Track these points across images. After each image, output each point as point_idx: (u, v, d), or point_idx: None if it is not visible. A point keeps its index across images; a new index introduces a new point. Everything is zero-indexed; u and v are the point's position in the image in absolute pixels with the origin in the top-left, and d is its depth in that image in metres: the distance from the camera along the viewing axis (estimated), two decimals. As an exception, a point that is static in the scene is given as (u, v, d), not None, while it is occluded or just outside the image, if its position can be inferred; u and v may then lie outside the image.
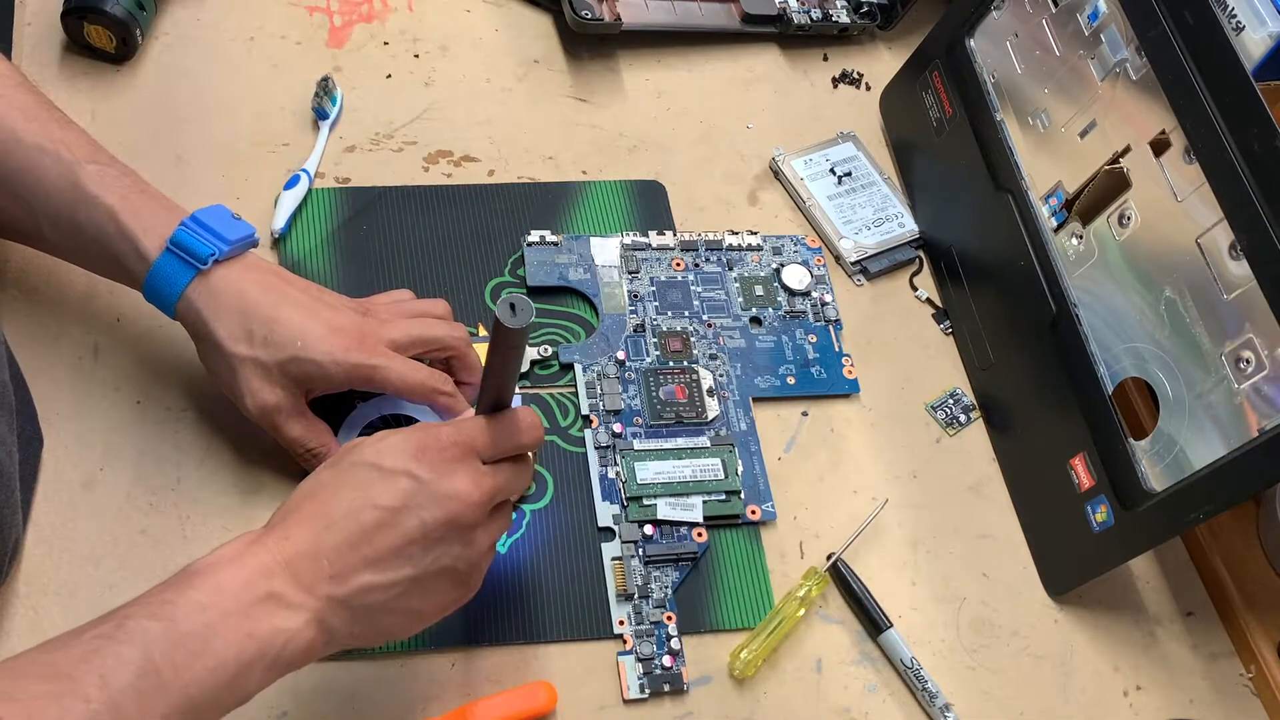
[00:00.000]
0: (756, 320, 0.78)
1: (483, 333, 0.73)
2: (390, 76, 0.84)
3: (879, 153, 0.88)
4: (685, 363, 0.74)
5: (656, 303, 0.77)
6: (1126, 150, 0.69)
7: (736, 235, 0.80)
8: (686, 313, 0.77)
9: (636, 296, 0.77)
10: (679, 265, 0.78)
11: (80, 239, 0.62)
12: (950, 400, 0.78)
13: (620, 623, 0.65)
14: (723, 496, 0.70)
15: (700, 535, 0.68)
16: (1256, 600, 0.71)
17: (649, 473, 0.70)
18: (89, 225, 0.61)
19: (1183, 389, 0.64)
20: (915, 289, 0.82)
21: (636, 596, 0.66)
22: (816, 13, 0.92)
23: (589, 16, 0.83)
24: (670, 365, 0.74)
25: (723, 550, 0.69)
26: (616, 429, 0.71)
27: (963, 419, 0.77)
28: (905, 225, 0.84)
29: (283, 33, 0.84)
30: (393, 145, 0.81)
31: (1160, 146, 0.66)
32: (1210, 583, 0.73)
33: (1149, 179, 0.67)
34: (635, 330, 0.75)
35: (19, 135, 0.61)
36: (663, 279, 0.78)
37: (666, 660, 0.64)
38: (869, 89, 0.92)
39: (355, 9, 0.86)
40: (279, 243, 0.74)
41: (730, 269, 0.79)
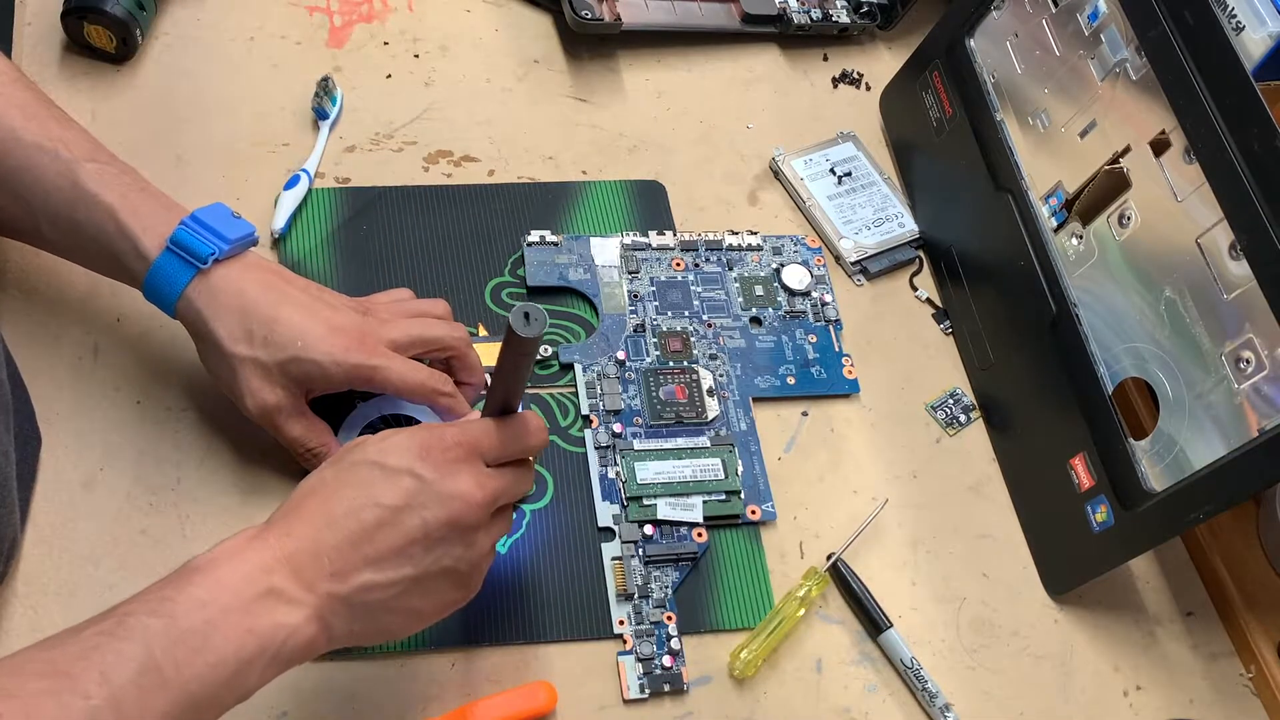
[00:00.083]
0: (756, 320, 0.78)
1: (483, 332, 0.73)
2: (390, 76, 0.84)
3: (879, 153, 0.88)
4: (685, 363, 0.74)
5: (656, 303, 0.77)
6: (1126, 150, 0.69)
7: (736, 235, 0.80)
8: (686, 313, 0.77)
9: (636, 296, 0.77)
10: (679, 265, 0.78)
11: (79, 237, 0.61)
12: (950, 400, 0.78)
13: (620, 623, 0.65)
14: (723, 496, 0.70)
15: (700, 535, 0.68)
16: (1256, 600, 0.71)
17: (649, 473, 0.70)
18: (88, 224, 0.61)
19: (1183, 389, 0.64)
20: (915, 289, 0.82)
21: (636, 596, 0.66)
22: (816, 13, 0.92)
23: (589, 16, 0.83)
24: (670, 365, 0.74)
25: (723, 550, 0.69)
26: (616, 429, 0.71)
27: (963, 419, 0.77)
28: (905, 225, 0.84)
29: (283, 33, 0.84)
30: (393, 145, 0.81)
31: (1160, 146, 0.66)
32: (1210, 583, 0.73)
33: (1149, 179, 0.67)
34: (635, 330, 0.75)
35: (18, 133, 0.61)
36: (663, 279, 0.78)
37: (666, 660, 0.64)
38: (869, 89, 0.92)
39: (355, 9, 0.87)
40: (279, 243, 0.74)
41: (730, 269, 0.79)
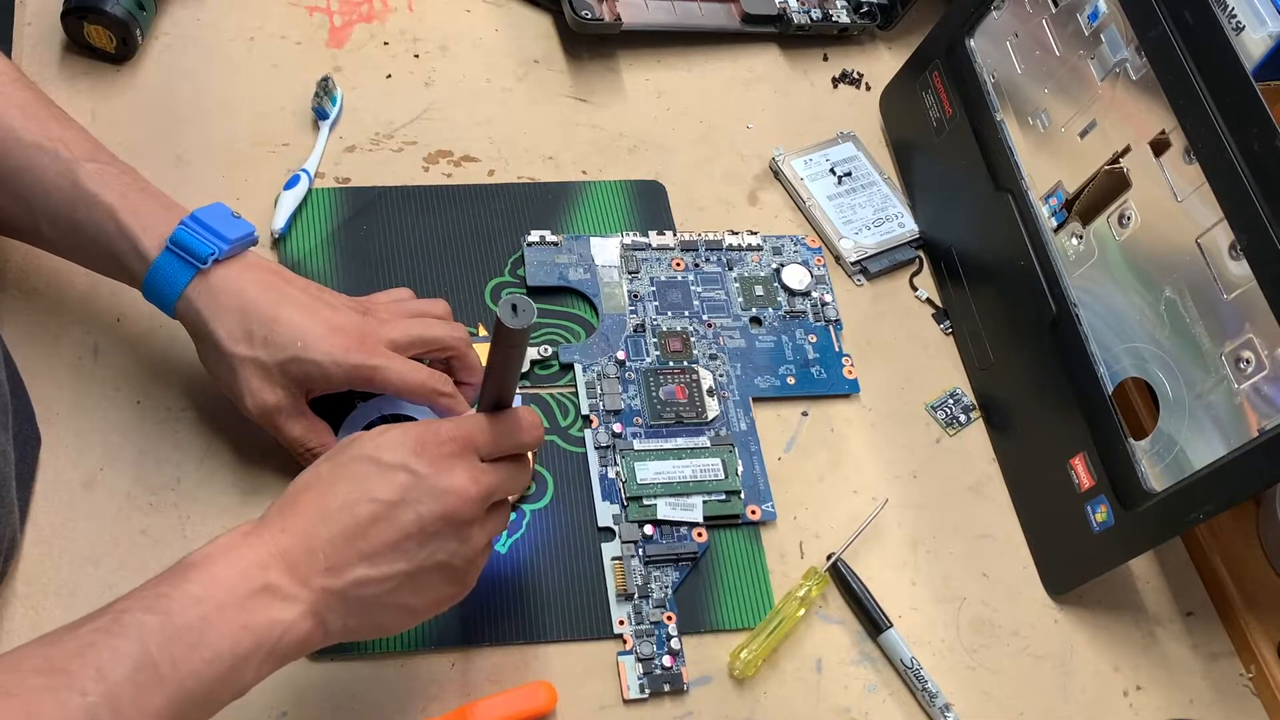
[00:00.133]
0: (756, 320, 0.78)
1: (483, 333, 0.73)
2: (390, 76, 0.84)
3: (879, 153, 0.88)
4: (685, 363, 0.74)
5: (656, 303, 0.77)
6: (1126, 150, 0.69)
7: (736, 235, 0.80)
8: (686, 313, 0.77)
9: (636, 296, 0.77)
10: (679, 265, 0.78)
11: (79, 237, 0.61)
12: (950, 400, 0.78)
13: (620, 623, 0.65)
14: (723, 496, 0.70)
15: (700, 535, 0.68)
16: (1256, 600, 0.71)
17: (649, 473, 0.70)
18: (88, 224, 0.61)
19: (1183, 389, 0.64)
20: (915, 289, 0.82)
21: (636, 596, 0.66)
22: (816, 13, 0.92)
23: (589, 16, 0.83)
24: (670, 365, 0.74)
25: (723, 550, 0.69)
26: (616, 429, 0.71)
27: (963, 419, 0.77)
28: (905, 225, 0.84)
29: (283, 33, 0.84)
30: (393, 145, 0.81)
31: (1160, 146, 0.66)
32: (1210, 583, 0.73)
33: (1149, 179, 0.67)
34: (635, 330, 0.75)
35: (17, 133, 0.61)
36: (663, 279, 0.78)
37: (666, 660, 0.64)
38: (869, 89, 0.92)
39: (355, 9, 0.87)
40: (279, 243, 0.74)
41: (730, 269, 0.79)
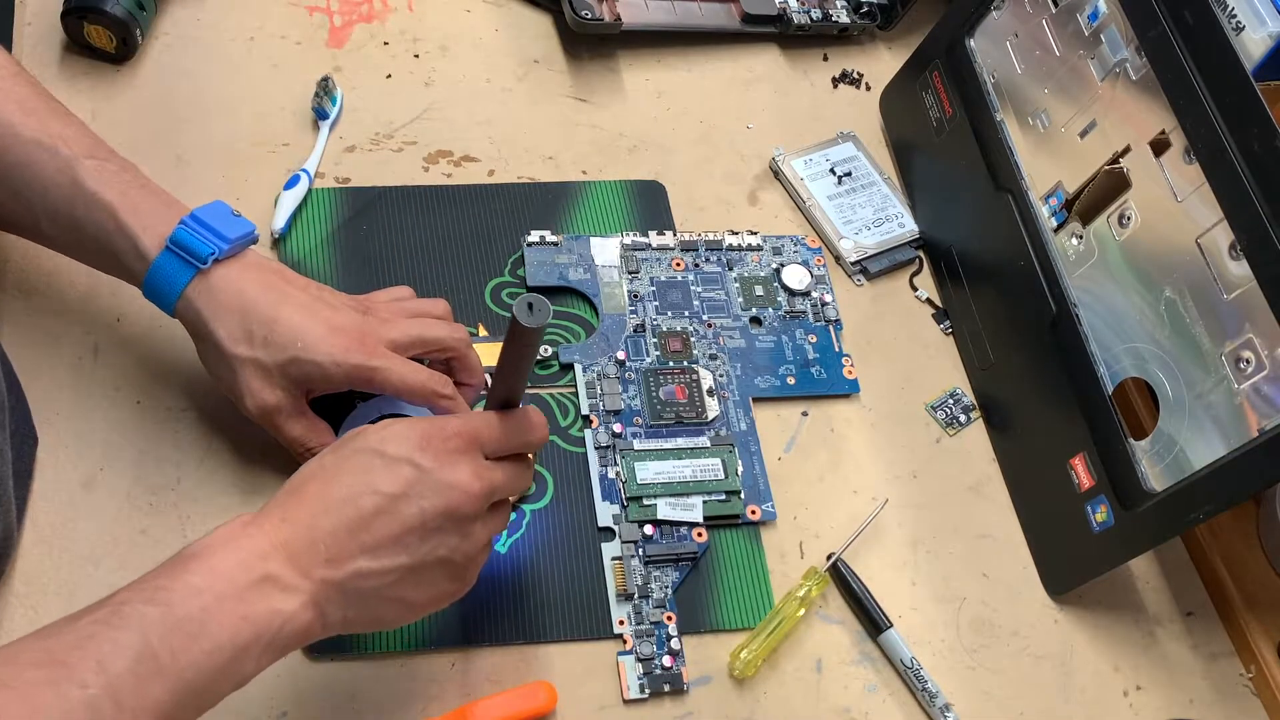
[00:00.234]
0: (756, 320, 0.78)
1: (483, 333, 0.73)
2: (390, 76, 0.84)
3: (879, 153, 0.88)
4: (685, 363, 0.74)
5: (656, 303, 0.77)
6: (1126, 150, 0.69)
7: (736, 235, 0.80)
8: (686, 313, 0.77)
9: (636, 296, 0.77)
10: (679, 265, 0.78)
11: (79, 235, 0.61)
12: (950, 400, 0.78)
13: (620, 623, 0.65)
14: (723, 496, 0.70)
15: (700, 535, 0.68)
16: (1256, 600, 0.71)
17: (649, 473, 0.69)
18: (87, 222, 0.61)
19: (1183, 389, 0.64)
20: (915, 289, 0.82)
21: (636, 596, 0.66)
22: (816, 13, 0.92)
23: (589, 16, 0.83)
24: (670, 365, 0.74)
25: (723, 550, 0.69)
26: (616, 429, 0.71)
27: (963, 419, 0.77)
28: (905, 225, 0.84)
29: (283, 33, 0.84)
30: (393, 145, 0.81)
31: (1160, 146, 0.66)
32: (1210, 583, 0.73)
33: (1149, 179, 0.67)
34: (635, 330, 0.75)
35: (16, 129, 0.60)
36: (663, 279, 0.78)
37: (666, 660, 0.64)
38: (869, 89, 0.92)
39: (355, 9, 0.87)
40: (279, 243, 0.74)
41: (730, 269, 0.79)
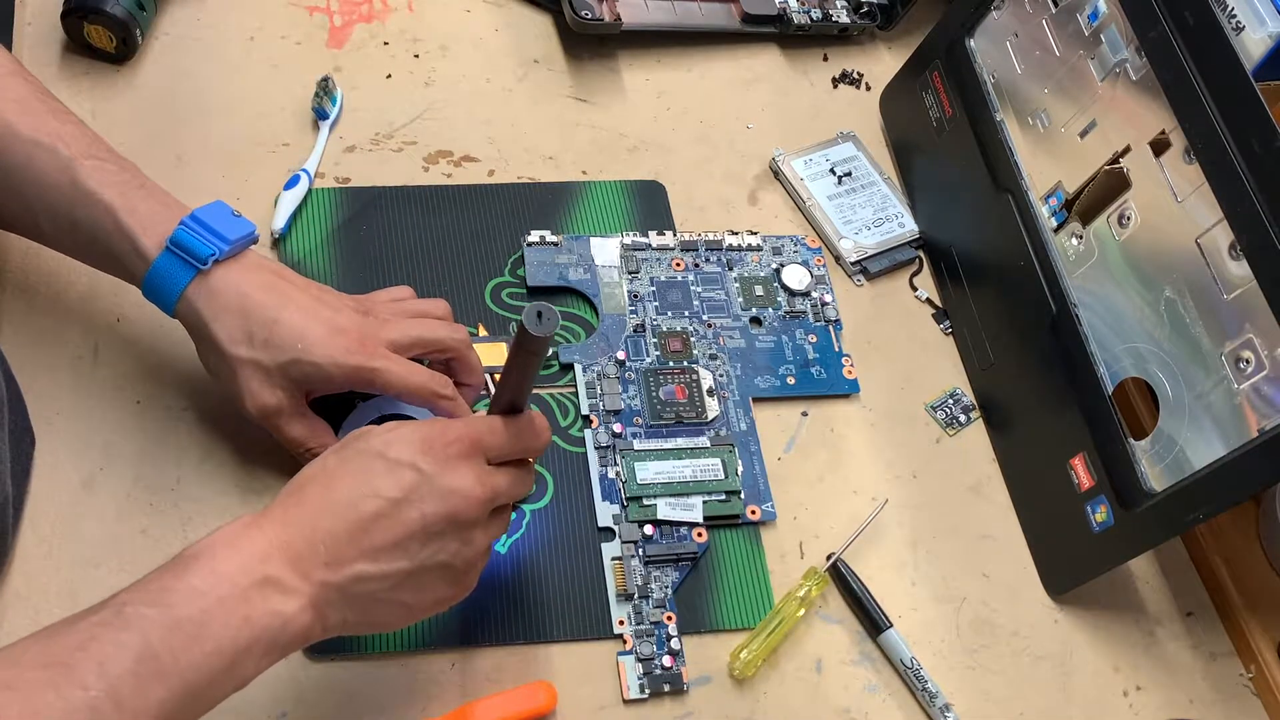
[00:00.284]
0: (756, 320, 0.78)
1: (483, 333, 0.74)
2: (390, 76, 0.84)
3: (879, 153, 0.88)
4: (685, 363, 0.74)
5: (656, 303, 0.77)
6: (1126, 150, 0.69)
7: (736, 235, 0.80)
8: (686, 313, 0.77)
9: (636, 296, 0.77)
10: (679, 265, 0.78)
11: (78, 235, 0.61)
12: (950, 400, 0.78)
13: (620, 623, 0.65)
14: (723, 496, 0.70)
15: (700, 535, 0.68)
16: (1256, 600, 0.71)
17: (649, 473, 0.70)
18: (87, 222, 0.60)
19: (1183, 389, 0.64)
20: (915, 289, 0.82)
21: (636, 596, 0.66)
22: (816, 13, 0.92)
23: (589, 16, 0.83)
24: (670, 365, 0.74)
25: (723, 550, 0.69)
26: (616, 429, 0.71)
27: (963, 419, 0.77)
28: (905, 225, 0.84)
29: (283, 33, 0.84)
30: (393, 145, 0.81)
31: (1160, 146, 0.66)
32: (1210, 583, 0.73)
33: (1149, 179, 0.67)
34: (635, 330, 0.75)
35: (16, 129, 0.60)
36: (663, 279, 0.78)
37: (666, 660, 0.64)
38: (869, 89, 0.92)
39: (355, 9, 0.87)
40: (279, 243, 0.74)
41: (730, 269, 0.79)
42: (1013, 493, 0.74)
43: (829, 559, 0.69)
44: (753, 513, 0.70)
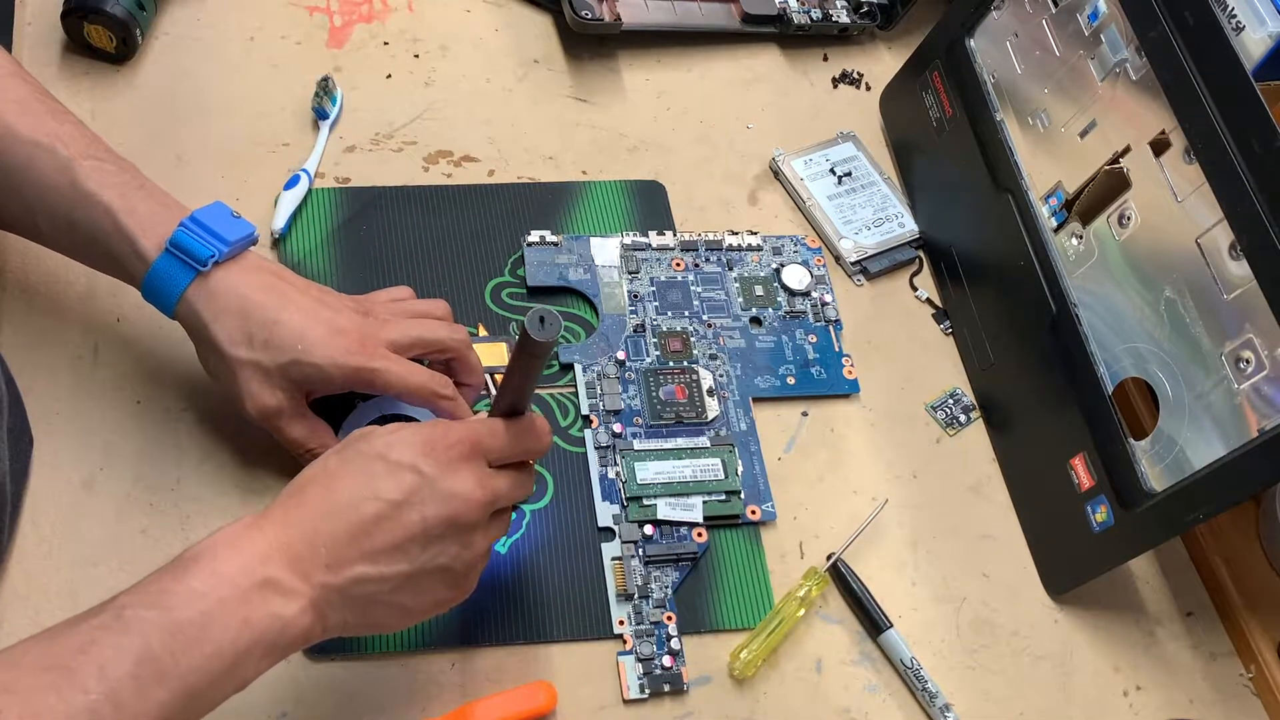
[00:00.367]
0: (756, 320, 0.78)
1: (483, 333, 0.74)
2: (390, 76, 0.84)
3: (879, 153, 0.88)
4: (685, 363, 0.74)
5: (656, 303, 0.77)
6: (1126, 150, 0.69)
7: (736, 235, 0.80)
8: (686, 313, 0.77)
9: (636, 296, 0.77)
10: (679, 265, 0.78)
11: (77, 236, 0.61)
12: (950, 400, 0.78)
13: (620, 623, 0.65)
14: (723, 496, 0.70)
15: (700, 535, 0.68)
16: (1256, 600, 0.71)
17: (649, 473, 0.70)
18: (86, 223, 0.60)
19: (1183, 389, 0.64)
20: (915, 289, 0.82)
21: (636, 596, 0.66)
22: (816, 13, 0.92)
23: (589, 16, 0.83)
24: (670, 365, 0.74)
25: (723, 550, 0.69)
26: (616, 429, 0.71)
27: (963, 419, 0.77)
28: (905, 225, 0.84)
29: (283, 33, 0.84)
30: (393, 145, 0.81)
31: (1160, 146, 0.66)
32: (1210, 583, 0.73)
33: (1149, 179, 0.67)
34: (635, 330, 0.75)
35: (15, 129, 0.60)
36: (663, 279, 0.78)
37: (666, 660, 0.64)
38: (869, 89, 0.92)
39: (355, 9, 0.86)
40: (279, 243, 0.74)
41: (730, 269, 0.79)
42: (1013, 493, 0.74)
43: (829, 559, 0.69)
44: (753, 513, 0.70)
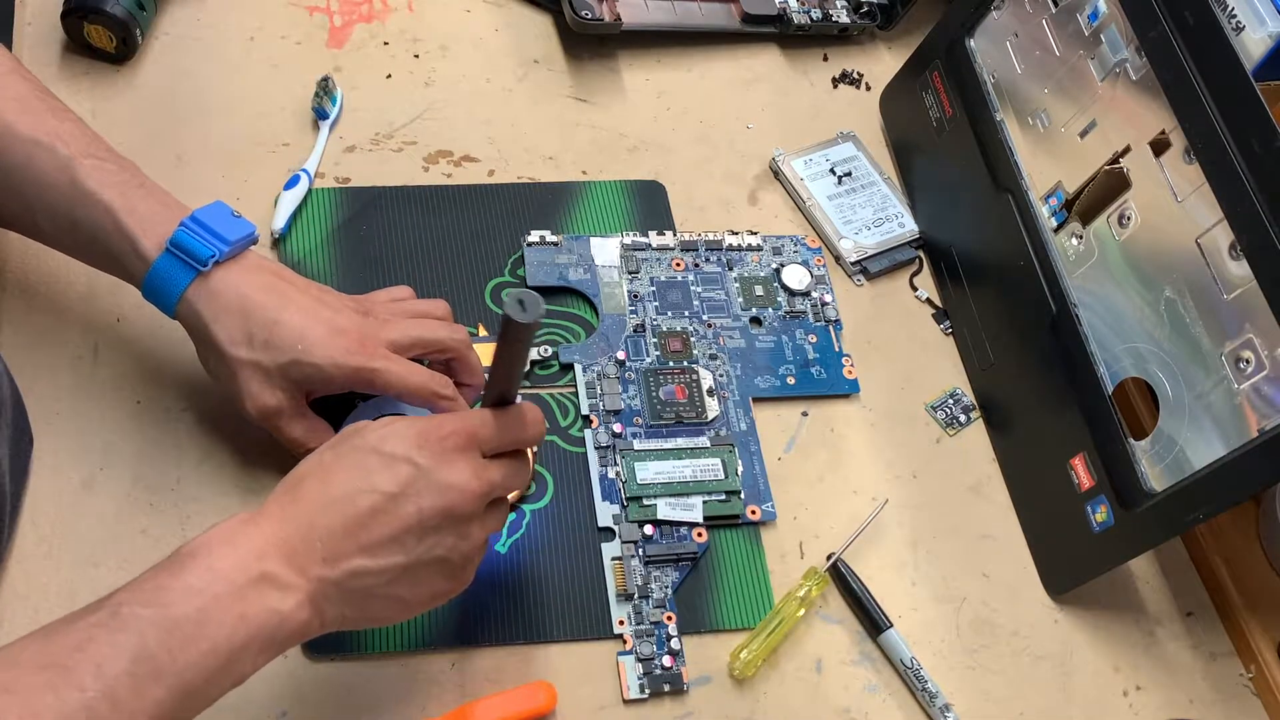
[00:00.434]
0: (756, 320, 0.78)
1: (483, 333, 0.73)
2: (390, 76, 0.84)
3: (879, 153, 0.88)
4: (685, 363, 0.74)
5: (656, 303, 0.77)
6: (1126, 150, 0.69)
7: (736, 235, 0.80)
8: (686, 313, 0.77)
9: (636, 296, 0.77)
10: (679, 265, 0.78)
11: (77, 235, 0.61)
12: (950, 400, 0.78)
13: (620, 623, 0.65)
14: (723, 496, 0.70)
15: (700, 535, 0.68)
16: (1256, 600, 0.71)
17: (649, 473, 0.70)
18: (86, 222, 0.60)
19: (1183, 389, 0.64)
20: (915, 289, 0.82)
21: (636, 596, 0.66)
22: (816, 13, 0.92)
23: (589, 16, 0.83)
24: (670, 365, 0.74)
25: (723, 550, 0.69)
26: (616, 429, 0.71)
27: (963, 419, 0.77)
28: (905, 225, 0.84)
29: (283, 33, 0.84)
30: (393, 145, 0.81)
31: (1160, 146, 0.66)
32: (1210, 583, 0.73)
33: (1149, 179, 0.67)
34: (635, 330, 0.75)
35: (14, 128, 0.60)
36: (663, 279, 0.78)
37: (666, 660, 0.64)
38: (869, 89, 0.92)
39: (355, 9, 0.87)
40: (279, 243, 0.74)
41: (730, 269, 0.79)
42: (1013, 493, 0.74)
43: (829, 559, 0.69)
44: (753, 513, 0.70)
